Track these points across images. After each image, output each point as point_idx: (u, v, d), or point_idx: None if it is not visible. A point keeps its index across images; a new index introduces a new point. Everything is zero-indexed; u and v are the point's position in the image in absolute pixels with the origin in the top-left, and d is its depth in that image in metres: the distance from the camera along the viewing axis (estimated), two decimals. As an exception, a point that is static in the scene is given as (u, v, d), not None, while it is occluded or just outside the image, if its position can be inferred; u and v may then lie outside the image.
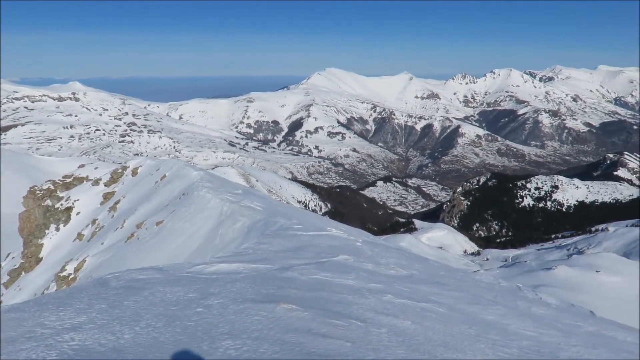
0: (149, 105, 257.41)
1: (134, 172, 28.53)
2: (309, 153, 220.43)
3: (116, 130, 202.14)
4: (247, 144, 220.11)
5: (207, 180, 20.81)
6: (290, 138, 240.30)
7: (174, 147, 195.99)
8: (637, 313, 14.03)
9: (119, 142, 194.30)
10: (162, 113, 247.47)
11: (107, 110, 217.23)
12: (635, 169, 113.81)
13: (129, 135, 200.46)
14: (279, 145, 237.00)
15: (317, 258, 7.63)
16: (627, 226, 48.41)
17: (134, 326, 3.42)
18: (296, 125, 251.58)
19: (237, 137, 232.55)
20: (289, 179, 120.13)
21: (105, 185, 29.00)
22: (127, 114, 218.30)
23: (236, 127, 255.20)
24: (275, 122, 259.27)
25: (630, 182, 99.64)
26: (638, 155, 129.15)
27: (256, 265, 6.62)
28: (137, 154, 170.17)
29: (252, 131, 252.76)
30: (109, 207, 25.51)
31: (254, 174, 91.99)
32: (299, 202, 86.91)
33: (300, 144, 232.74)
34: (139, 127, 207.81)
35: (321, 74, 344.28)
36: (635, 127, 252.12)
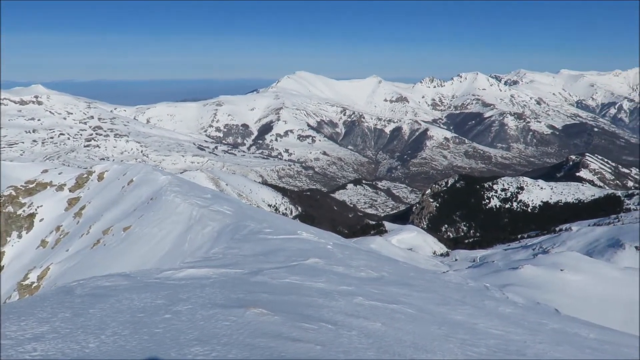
0: (115, 108, 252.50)
1: (100, 177, 27.92)
2: (279, 156, 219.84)
3: (81, 135, 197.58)
4: (216, 147, 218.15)
5: (175, 185, 20.53)
6: (260, 141, 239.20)
7: (142, 151, 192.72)
8: (600, 310, 14.46)
9: (85, 146, 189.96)
10: (129, 117, 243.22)
11: (71, 114, 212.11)
12: (597, 170, 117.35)
13: (94, 140, 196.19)
14: (248, 148, 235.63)
15: (287, 262, 7.61)
16: (589, 226, 49.87)
17: (99, 335, 3.34)
18: (266, 128, 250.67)
19: (206, 141, 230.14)
20: (259, 182, 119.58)
21: (70, 191, 28.29)
22: (92, 117, 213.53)
23: (205, 131, 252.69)
24: (245, 126, 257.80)
25: (591, 182, 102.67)
26: (599, 156, 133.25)
27: (226, 270, 6.56)
28: (104, 159, 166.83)
29: (221, 135, 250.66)
30: (74, 213, 24.90)
31: (224, 177, 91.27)
32: (270, 205, 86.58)
33: (270, 147, 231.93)
34: (105, 131, 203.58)
35: (291, 77, 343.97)
36: (596, 130, 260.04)
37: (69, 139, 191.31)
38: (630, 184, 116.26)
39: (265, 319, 3.95)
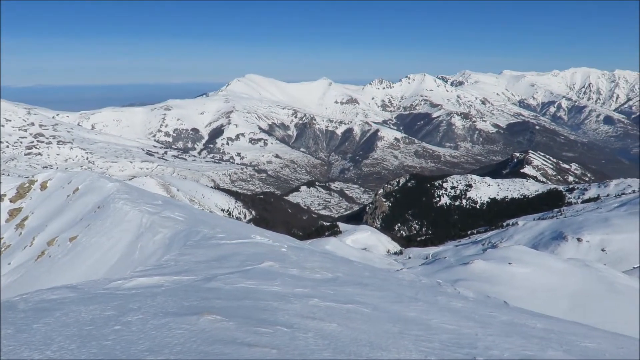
0: (57, 114, 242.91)
1: (43, 186, 26.80)
2: (231, 160, 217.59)
3: (21, 142, 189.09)
4: (166, 152, 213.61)
5: (123, 192, 19.96)
6: (211, 146, 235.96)
7: (87, 158, 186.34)
8: (546, 300, 15.04)
9: (25, 154, 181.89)
10: (72, 123, 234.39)
11: (10, 120, 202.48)
12: (539, 167, 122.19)
13: (36, 147, 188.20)
14: (199, 153, 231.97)
15: (241, 266, 7.54)
16: (534, 220, 51.86)
17: (44, 350, 3.20)
18: (217, 132, 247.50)
19: (155, 146, 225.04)
20: (212, 187, 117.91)
21: (10, 201, 27.01)
22: (33, 124, 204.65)
23: (154, 136, 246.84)
24: (195, 130, 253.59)
25: (535, 178, 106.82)
26: (541, 153, 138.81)
27: (178, 277, 6.43)
28: (46, 167, 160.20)
29: (170, 140, 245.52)
30: (16, 225, 23.79)
31: (175, 183, 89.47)
32: (223, 210, 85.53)
33: (221, 151, 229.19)
34: (48, 138, 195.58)
35: (241, 81, 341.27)
36: (537, 128, 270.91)
37: (8, 147, 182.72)
38: (570, 178, 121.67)
39: (220, 325, 3.88)
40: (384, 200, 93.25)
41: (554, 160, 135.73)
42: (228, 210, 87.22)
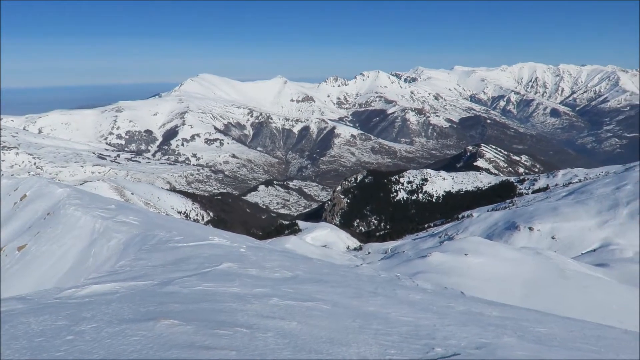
0: (0, 118, 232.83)
1: (-12, 194, 25.62)
2: (187, 161, 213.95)
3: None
4: (118, 155, 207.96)
5: (74, 197, 19.32)
6: (166, 147, 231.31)
7: (35, 163, 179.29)
8: (501, 289, 15.50)
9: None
10: (17, 127, 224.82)
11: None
12: (491, 159, 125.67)
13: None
14: (154, 155, 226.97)
15: (199, 269, 7.43)
16: (488, 211, 53.32)
17: (-9, 366, 3.06)
18: (171, 133, 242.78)
19: (107, 149, 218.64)
20: (167, 189, 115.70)
21: (-48, 211, 25.70)
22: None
23: (105, 139, 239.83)
24: (149, 132, 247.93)
25: (488, 171, 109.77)
26: (493, 146, 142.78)
27: (134, 283, 6.28)
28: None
29: (123, 142, 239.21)
30: (-41, 236, 22.65)
31: (129, 187, 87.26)
32: (179, 212, 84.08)
33: (176, 152, 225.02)
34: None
35: (194, 80, 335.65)
36: (488, 121, 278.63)
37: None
38: (521, 170, 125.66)
39: (177, 329, 3.82)
40: (342, 197, 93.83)
41: (505, 152, 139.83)
42: (185, 212, 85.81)
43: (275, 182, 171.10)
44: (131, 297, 5.29)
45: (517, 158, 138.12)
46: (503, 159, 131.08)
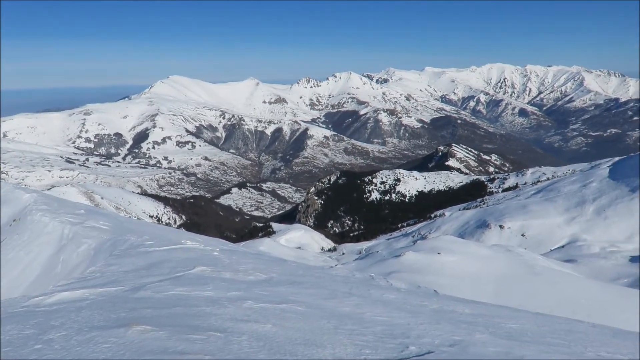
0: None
1: (-50, 201, 24.80)
2: (158, 165, 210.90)
3: None
4: (87, 159, 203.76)
5: (42, 203, 18.84)
6: (136, 150, 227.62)
7: None
8: (473, 287, 15.72)
9: None
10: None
11: None
12: (462, 159, 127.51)
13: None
14: (124, 158, 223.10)
15: (172, 273, 7.34)
16: (459, 210, 54.10)
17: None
18: (142, 136, 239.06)
19: (75, 153, 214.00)
20: (138, 193, 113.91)
21: None
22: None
23: (73, 143, 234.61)
24: (118, 135, 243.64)
25: (459, 170, 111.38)
26: (463, 146, 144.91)
27: (105, 289, 6.16)
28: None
29: (92, 146, 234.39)
30: None
31: (98, 191, 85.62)
32: (151, 216, 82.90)
33: (147, 155, 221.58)
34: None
35: (165, 82, 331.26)
36: (459, 122, 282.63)
37: None
38: (491, 169, 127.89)
39: (150, 335, 3.76)
40: (315, 198, 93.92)
41: (476, 152, 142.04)
42: (157, 216, 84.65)
43: (248, 184, 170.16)
44: (102, 304, 5.19)
45: (487, 157, 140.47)
46: (474, 158, 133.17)
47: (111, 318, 4.44)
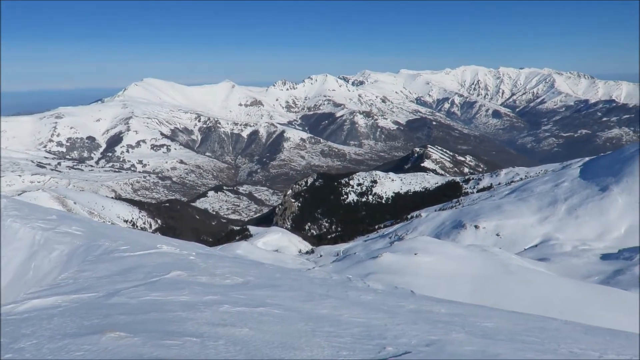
0: None
1: None
2: (133, 168, 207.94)
3: None
4: (59, 164, 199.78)
5: (12, 209, 18.40)
6: (110, 154, 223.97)
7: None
8: (449, 286, 15.89)
9: None
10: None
11: None
12: (438, 160, 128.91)
13: None
14: (97, 162, 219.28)
15: (147, 278, 7.24)
16: (435, 211, 54.64)
17: None
18: (115, 140, 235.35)
19: (46, 158, 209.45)
20: (112, 197, 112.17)
21: None
22: None
23: (45, 147, 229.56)
24: (91, 138, 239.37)
25: (434, 171, 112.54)
26: (439, 147, 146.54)
27: (78, 296, 6.04)
28: None
29: (64, 150, 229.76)
30: None
31: (71, 196, 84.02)
32: (126, 221, 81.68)
33: (121, 159, 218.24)
34: None
35: (138, 85, 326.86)
36: (434, 123, 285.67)
37: None
38: (466, 170, 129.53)
39: (124, 342, 3.70)
40: (293, 200, 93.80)
41: (451, 153, 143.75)
42: (132, 220, 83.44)
43: (224, 187, 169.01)
44: (75, 311, 5.08)
45: (462, 158, 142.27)
46: (449, 159, 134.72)
47: (84, 325, 4.35)
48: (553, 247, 31.26)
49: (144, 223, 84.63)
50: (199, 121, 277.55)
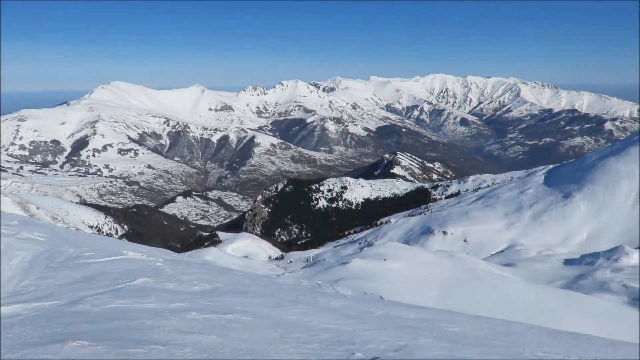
0: None
1: None
2: (99, 173, 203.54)
3: None
4: (21, 167, 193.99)
5: (-29, 214, 17.78)
6: (75, 158, 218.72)
7: None
8: (418, 292, 16.04)
9: None
10: None
11: None
12: (407, 166, 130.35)
13: None
14: (62, 166, 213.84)
15: (112, 285, 7.08)
16: (405, 217, 55.19)
17: None
18: (81, 144, 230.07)
19: (8, 161, 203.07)
20: (77, 203, 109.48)
21: None
22: None
23: (6, 150, 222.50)
24: (56, 142, 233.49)
25: (404, 178, 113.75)
26: (408, 154, 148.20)
27: (39, 304, 5.86)
28: None
29: (27, 153, 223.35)
30: None
31: (34, 200, 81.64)
32: (91, 227, 79.84)
33: (87, 163, 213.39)
34: None
35: (105, 88, 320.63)
36: (404, 130, 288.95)
37: None
38: (434, 176, 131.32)
39: (87, 351, 3.60)
40: (263, 206, 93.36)
41: (420, 160, 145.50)
42: (97, 226, 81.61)
43: (193, 192, 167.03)
44: (36, 319, 4.93)
45: (431, 165, 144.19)
46: (418, 166, 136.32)
47: (46, 334, 4.22)
48: (518, 252, 31.93)
49: (110, 229, 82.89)
50: (168, 125, 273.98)
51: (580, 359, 5.12)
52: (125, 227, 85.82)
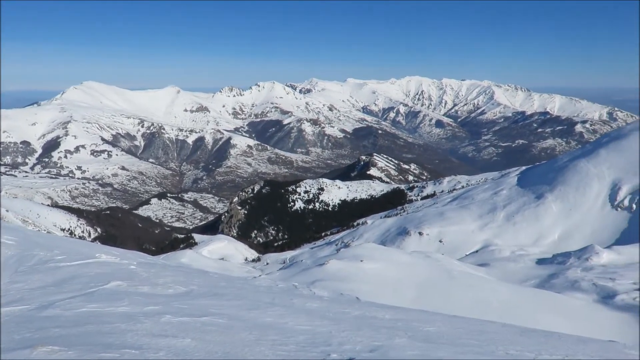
0: None
1: None
2: (71, 175, 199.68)
3: None
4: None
5: (-64, 217, 17.29)
6: (47, 160, 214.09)
7: None
8: (394, 292, 16.14)
9: None
10: None
11: None
12: (383, 168, 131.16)
13: None
14: (32, 168, 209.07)
15: (84, 289, 6.95)
16: (381, 218, 55.50)
17: None
18: (52, 145, 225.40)
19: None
20: (48, 205, 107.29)
21: None
22: None
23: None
24: (26, 143, 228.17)
25: (380, 179, 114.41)
26: (384, 155, 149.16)
27: (8, 309, 5.72)
28: None
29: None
30: None
31: (3, 203, 79.71)
32: (63, 229, 78.33)
33: (59, 165, 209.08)
34: None
35: (78, 88, 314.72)
36: (380, 132, 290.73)
37: None
38: (410, 178, 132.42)
39: (57, 356, 3.53)
40: (239, 208, 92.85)
41: (396, 161, 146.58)
42: (69, 229, 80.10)
43: (169, 194, 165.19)
44: (4, 325, 4.81)
45: (407, 166, 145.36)
46: (394, 167, 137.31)
47: (14, 339, 4.12)
48: (492, 252, 32.40)
49: (83, 231, 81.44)
50: (142, 126, 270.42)
51: (552, 357, 5.22)
52: (99, 229, 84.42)
